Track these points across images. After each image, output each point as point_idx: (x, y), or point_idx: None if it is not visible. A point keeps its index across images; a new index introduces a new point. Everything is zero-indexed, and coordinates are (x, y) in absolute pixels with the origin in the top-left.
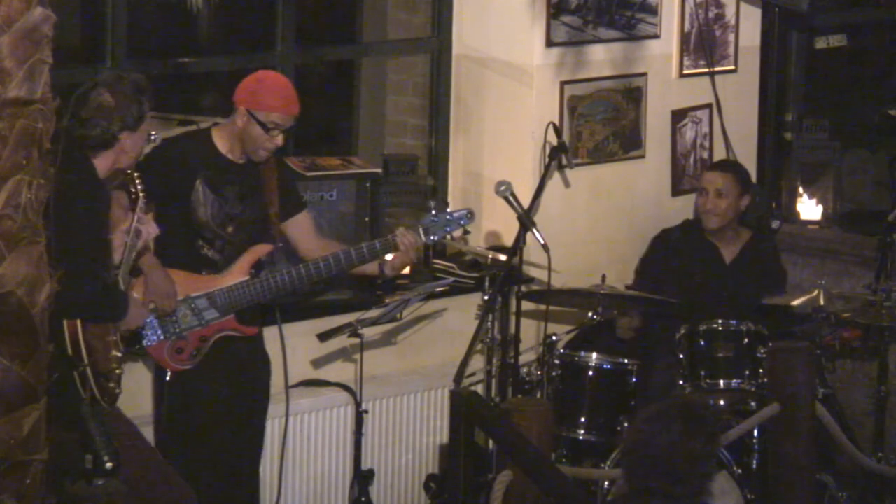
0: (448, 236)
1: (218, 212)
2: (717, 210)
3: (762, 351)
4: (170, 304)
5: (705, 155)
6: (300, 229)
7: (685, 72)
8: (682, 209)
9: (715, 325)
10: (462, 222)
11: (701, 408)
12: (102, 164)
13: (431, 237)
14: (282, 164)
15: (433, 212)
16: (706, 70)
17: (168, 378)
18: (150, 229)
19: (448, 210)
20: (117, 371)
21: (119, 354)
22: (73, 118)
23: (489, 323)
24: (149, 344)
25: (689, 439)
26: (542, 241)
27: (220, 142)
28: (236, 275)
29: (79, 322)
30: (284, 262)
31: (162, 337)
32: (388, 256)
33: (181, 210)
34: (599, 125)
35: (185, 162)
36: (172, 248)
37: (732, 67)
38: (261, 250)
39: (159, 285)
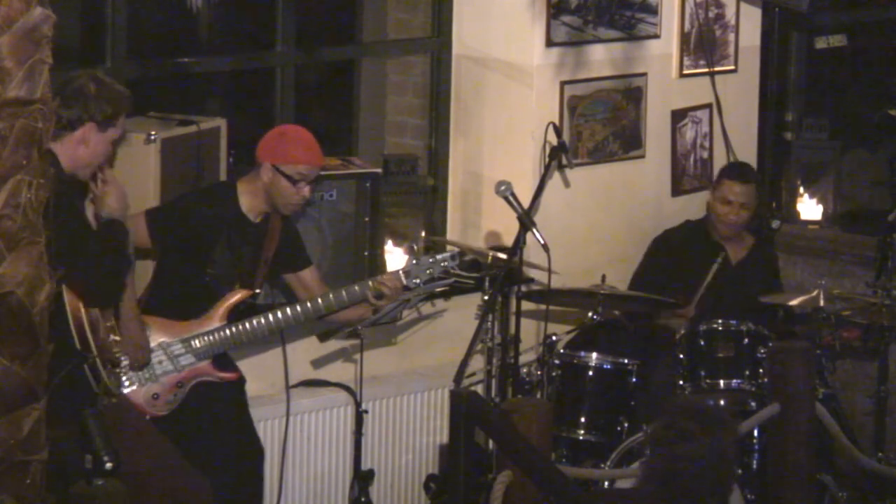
0: (430, 280)
1: (231, 269)
2: (740, 220)
3: (762, 351)
4: (143, 356)
5: (705, 155)
6: (305, 284)
7: (685, 72)
8: (682, 209)
9: (715, 325)
10: (444, 264)
11: (711, 411)
12: (64, 150)
13: (414, 280)
14: (287, 220)
15: (414, 260)
16: (706, 70)
17: (147, 419)
18: (105, 183)
19: (433, 254)
20: (118, 355)
21: (118, 338)
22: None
23: (489, 323)
24: (124, 390)
25: (721, 447)
26: (542, 241)
27: (244, 200)
28: (213, 320)
29: (84, 313)
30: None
31: (136, 383)
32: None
33: (196, 265)
34: (599, 125)
35: (209, 222)
36: (175, 299)
37: (732, 67)
38: (236, 296)
39: (133, 337)
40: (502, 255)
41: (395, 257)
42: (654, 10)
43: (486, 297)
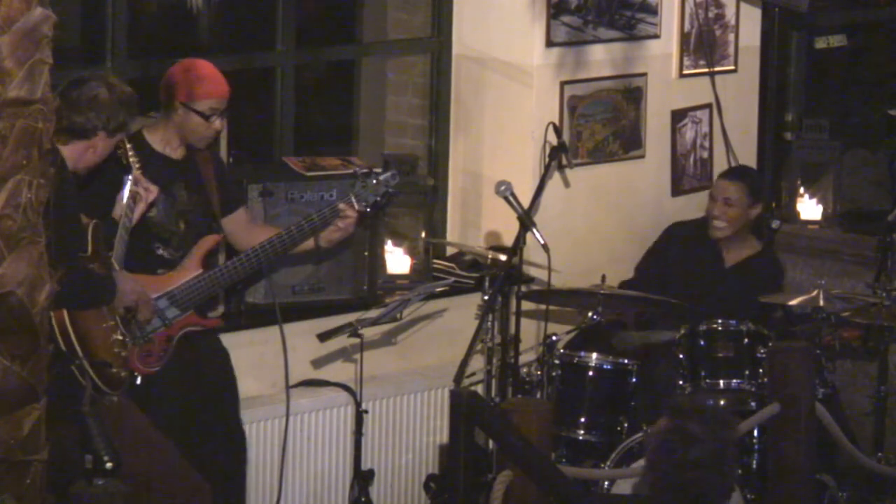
0: (377, 199)
1: (170, 210)
2: (724, 217)
3: (762, 351)
4: (147, 309)
5: (705, 155)
6: (238, 224)
7: (685, 72)
8: (682, 209)
9: (715, 325)
10: (392, 181)
11: (709, 409)
12: (71, 152)
13: (363, 203)
14: (216, 157)
15: (360, 181)
16: (706, 70)
17: (138, 382)
18: (149, 192)
19: (375, 172)
20: (122, 354)
21: (121, 338)
22: (61, 97)
23: (489, 323)
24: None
25: (724, 447)
26: (542, 241)
27: (155, 141)
28: (190, 269)
29: (66, 315)
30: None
31: (130, 344)
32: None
33: None
34: (599, 125)
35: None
36: (129, 253)
37: (732, 67)
38: (210, 241)
39: (136, 295)
40: (502, 257)
41: (396, 257)
42: (654, 10)
43: (486, 297)
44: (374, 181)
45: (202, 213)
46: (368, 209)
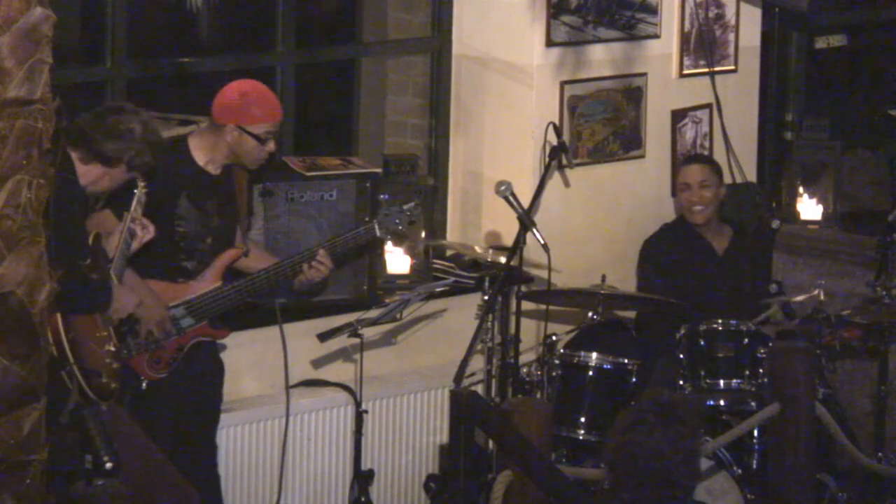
0: (399, 228)
1: (201, 226)
2: (704, 201)
3: (762, 351)
4: (163, 327)
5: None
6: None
7: (685, 72)
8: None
9: (715, 325)
10: (415, 212)
11: (675, 405)
12: (87, 173)
13: (385, 231)
14: (250, 174)
15: (384, 208)
16: (706, 70)
17: (144, 387)
18: (146, 232)
19: (399, 203)
20: (113, 366)
21: (113, 349)
22: (96, 120)
23: (489, 323)
24: (130, 355)
25: (674, 441)
26: (542, 241)
27: (199, 154)
28: (210, 281)
29: (60, 322)
30: None
31: (142, 349)
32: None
33: (163, 223)
34: (599, 125)
35: (167, 177)
36: (152, 260)
37: (732, 67)
38: (232, 256)
39: (152, 312)
40: (502, 259)
41: (396, 257)
42: (654, 10)
43: (486, 297)
44: (398, 210)
45: (230, 230)
46: (389, 237)
